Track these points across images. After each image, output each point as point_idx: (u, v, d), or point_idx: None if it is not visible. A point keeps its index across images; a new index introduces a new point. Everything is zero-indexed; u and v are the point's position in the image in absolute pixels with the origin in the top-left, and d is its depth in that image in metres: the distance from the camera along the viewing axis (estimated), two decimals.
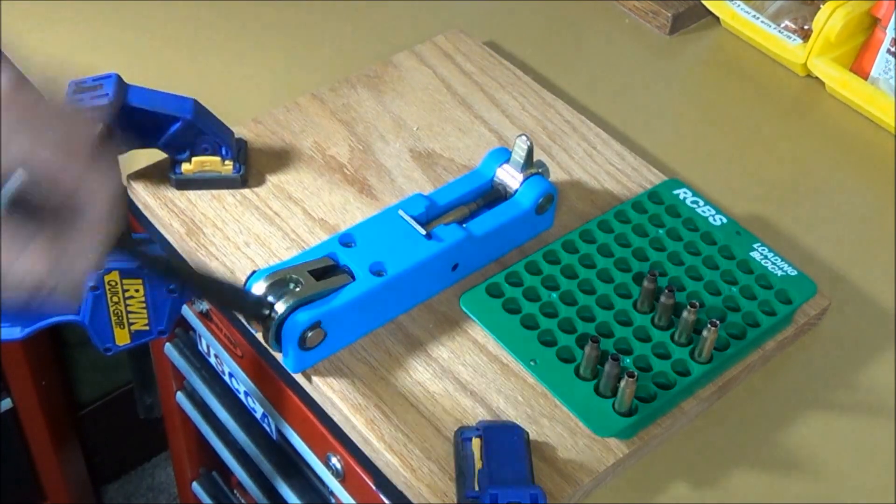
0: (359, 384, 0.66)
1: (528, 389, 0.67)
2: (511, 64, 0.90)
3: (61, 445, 1.36)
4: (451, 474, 0.62)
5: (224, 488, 1.13)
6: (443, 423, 0.65)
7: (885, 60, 0.91)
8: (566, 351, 0.68)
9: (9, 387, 1.24)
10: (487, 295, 0.71)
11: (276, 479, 0.88)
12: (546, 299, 0.71)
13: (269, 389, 0.81)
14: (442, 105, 0.86)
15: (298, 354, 0.65)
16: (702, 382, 0.68)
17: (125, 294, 0.79)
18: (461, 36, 0.92)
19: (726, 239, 0.75)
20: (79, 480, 1.47)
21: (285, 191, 0.77)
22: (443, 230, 0.70)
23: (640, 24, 1.01)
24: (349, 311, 0.66)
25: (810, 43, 0.93)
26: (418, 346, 0.69)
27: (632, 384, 0.64)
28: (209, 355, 0.90)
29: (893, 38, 0.90)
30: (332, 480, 0.78)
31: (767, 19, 0.96)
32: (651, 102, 0.93)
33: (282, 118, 0.83)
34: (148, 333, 0.83)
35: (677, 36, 1.00)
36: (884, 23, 0.91)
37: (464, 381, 0.67)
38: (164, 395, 1.04)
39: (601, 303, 0.71)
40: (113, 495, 1.60)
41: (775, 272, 0.73)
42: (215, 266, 0.72)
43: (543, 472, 0.63)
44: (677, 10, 0.99)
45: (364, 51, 0.93)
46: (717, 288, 0.72)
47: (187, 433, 1.08)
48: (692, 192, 0.79)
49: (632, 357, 0.68)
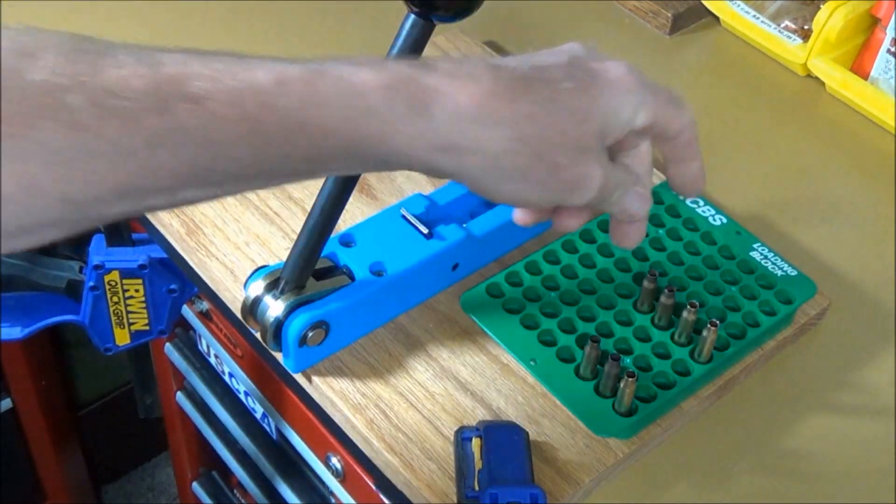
0: (359, 384, 0.66)
1: (528, 389, 0.67)
2: None
3: (61, 445, 1.36)
4: (451, 474, 0.62)
5: (224, 488, 1.13)
6: (443, 423, 0.65)
7: (885, 60, 0.91)
8: (566, 351, 0.68)
9: (9, 387, 1.24)
10: (487, 295, 0.71)
11: (276, 479, 0.88)
12: (546, 299, 0.71)
13: (269, 389, 0.81)
14: None
15: (298, 354, 0.65)
16: (702, 382, 0.68)
17: (125, 294, 0.79)
18: (461, 36, 0.92)
19: (726, 239, 0.76)
20: (79, 480, 1.47)
21: (285, 190, 0.77)
22: (443, 230, 0.70)
23: (640, 24, 1.01)
24: (349, 311, 0.66)
25: (810, 43, 0.93)
26: (418, 346, 0.69)
27: (632, 384, 0.64)
28: (209, 355, 0.90)
29: (893, 38, 0.90)
30: (332, 480, 0.78)
31: (767, 19, 0.96)
32: None
33: None
34: (148, 333, 0.83)
35: (677, 36, 1.00)
36: (884, 23, 0.91)
37: (464, 381, 0.67)
38: (164, 395, 1.04)
39: (601, 303, 0.71)
40: (113, 495, 1.60)
41: (775, 272, 0.73)
42: (215, 266, 0.72)
43: (543, 472, 0.63)
44: (677, 10, 0.99)
45: (364, 51, 0.93)
46: (717, 288, 0.73)
47: (187, 433, 1.08)
48: None
49: (632, 357, 0.68)
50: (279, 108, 0.42)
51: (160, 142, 0.40)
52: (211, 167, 0.42)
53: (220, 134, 0.41)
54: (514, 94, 0.46)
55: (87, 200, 0.40)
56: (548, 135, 0.46)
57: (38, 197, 0.40)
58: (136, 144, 0.40)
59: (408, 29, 0.58)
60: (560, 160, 0.47)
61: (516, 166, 0.46)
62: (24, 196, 0.39)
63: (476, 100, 0.45)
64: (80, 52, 0.40)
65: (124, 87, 0.40)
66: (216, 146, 0.41)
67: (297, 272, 0.63)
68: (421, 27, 0.58)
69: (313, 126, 0.43)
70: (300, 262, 0.63)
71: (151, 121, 0.40)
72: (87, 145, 0.39)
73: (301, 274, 0.64)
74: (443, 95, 0.44)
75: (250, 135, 0.42)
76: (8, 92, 0.39)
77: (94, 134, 0.39)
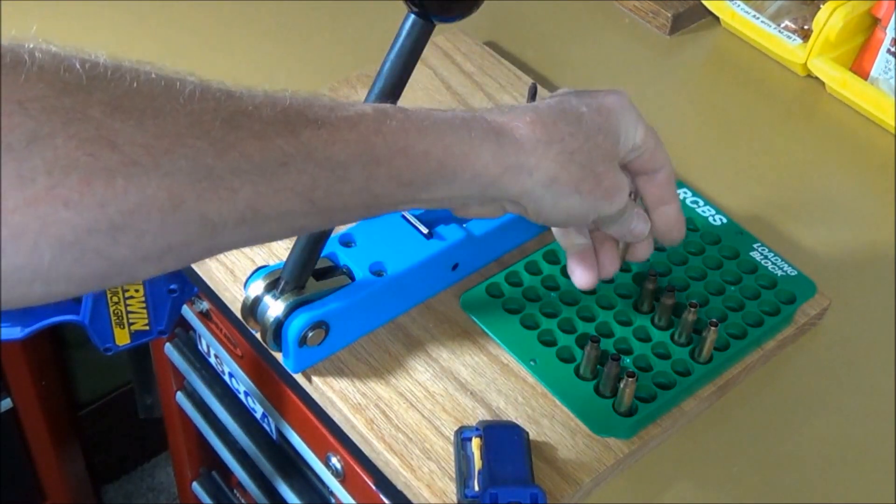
0: (359, 384, 0.66)
1: (528, 389, 0.67)
2: (511, 64, 0.90)
3: (61, 445, 1.36)
4: (451, 474, 0.62)
5: (224, 488, 1.13)
6: (443, 423, 0.65)
7: (885, 60, 0.91)
8: (566, 351, 0.68)
9: (9, 387, 1.24)
10: (487, 295, 0.71)
11: (276, 479, 0.88)
12: (546, 299, 0.71)
13: (269, 389, 0.81)
14: (442, 105, 0.86)
15: (298, 354, 0.65)
16: (702, 382, 0.68)
17: (125, 294, 0.79)
18: (461, 36, 0.92)
19: (726, 239, 0.76)
20: (79, 480, 1.47)
21: None
22: (443, 230, 0.70)
23: (640, 24, 1.01)
24: (349, 312, 0.66)
25: (810, 43, 0.93)
26: (418, 346, 0.69)
27: (632, 384, 0.64)
28: (209, 355, 0.90)
29: (893, 38, 0.90)
30: (332, 480, 0.78)
31: (767, 19, 0.96)
32: (651, 102, 0.93)
33: None
34: (148, 333, 0.83)
35: (677, 36, 1.00)
36: (884, 23, 0.91)
37: (464, 381, 0.67)
38: (164, 395, 1.04)
39: (601, 303, 0.71)
40: (113, 495, 1.60)
41: (775, 272, 0.73)
42: (215, 266, 0.72)
43: (543, 472, 0.63)
44: (677, 10, 0.99)
45: (364, 51, 0.93)
46: (718, 288, 0.73)
47: (187, 433, 1.08)
48: (692, 192, 0.79)
49: (632, 357, 0.68)
50: (386, 132, 0.49)
51: (288, 160, 0.45)
52: (327, 188, 0.47)
53: (339, 153, 0.47)
54: (554, 120, 0.56)
55: (220, 223, 0.43)
56: (586, 148, 0.56)
57: (182, 212, 0.42)
58: (269, 163, 0.44)
59: (408, 29, 0.58)
60: (599, 169, 0.56)
61: (569, 179, 0.55)
62: (170, 211, 0.41)
63: (529, 128, 0.54)
64: (212, 86, 0.44)
65: (258, 114, 0.44)
66: (334, 165, 0.46)
67: (297, 272, 0.63)
68: (421, 27, 0.58)
69: (413, 149, 0.50)
70: (300, 262, 0.63)
71: (281, 141, 0.44)
72: (231, 163, 0.43)
73: (301, 274, 0.64)
74: (505, 127, 0.54)
75: (363, 155, 0.48)
76: (163, 110, 0.41)
77: (239, 152, 0.43)
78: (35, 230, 0.38)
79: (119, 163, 0.39)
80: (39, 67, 0.39)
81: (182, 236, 0.42)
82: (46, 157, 0.38)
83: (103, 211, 0.39)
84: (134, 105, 0.41)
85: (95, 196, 0.39)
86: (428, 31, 0.58)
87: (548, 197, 0.55)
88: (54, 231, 0.38)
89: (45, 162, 0.38)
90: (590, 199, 0.56)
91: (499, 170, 0.53)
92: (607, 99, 0.58)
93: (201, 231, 0.43)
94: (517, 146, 0.54)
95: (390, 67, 0.59)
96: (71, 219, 0.38)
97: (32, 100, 0.38)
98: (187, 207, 0.42)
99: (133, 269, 0.42)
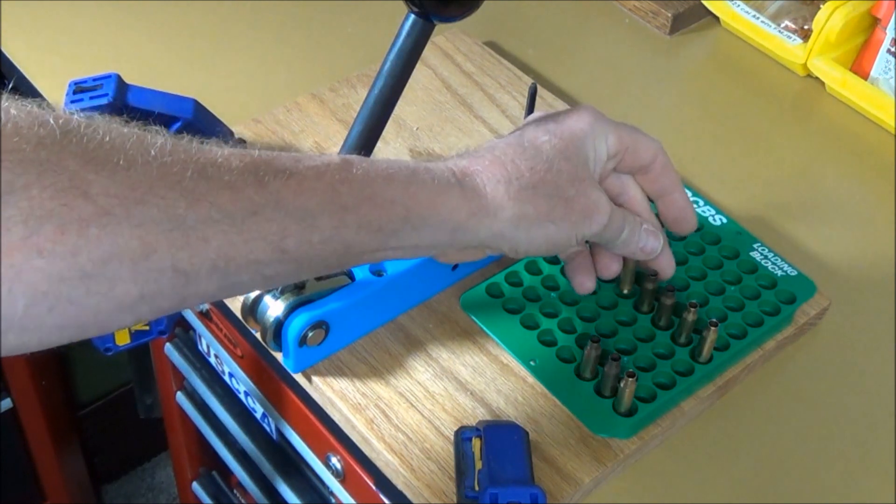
0: (359, 384, 0.66)
1: (528, 389, 0.67)
2: (511, 64, 0.90)
3: (61, 445, 1.36)
4: (451, 474, 0.62)
5: (224, 488, 1.13)
6: (443, 423, 0.65)
7: (885, 60, 0.91)
8: (566, 351, 0.68)
9: (9, 387, 1.24)
10: (487, 295, 0.71)
11: (276, 479, 0.88)
12: (546, 299, 0.71)
13: (269, 389, 0.81)
14: (442, 105, 0.86)
15: (298, 354, 0.65)
16: (702, 382, 0.68)
17: None
18: (461, 36, 0.92)
19: (726, 239, 0.75)
20: (79, 480, 1.47)
21: None
22: None
23: (640, 24, 1.01)
24: (349, 311, 0.66)
25: (810, 43, 0.93)
26: (418, 346, 0.69)
27: (632, 384, 0.64)
28: (209, 355, 0.90)
29: (893, 38, 0.90)
30: (332, 480, 0.78)
31: (767, 19, 0.97)
32: (651, 102, 0.93)
33: (282, 118, 0.83)
34: (148, 333, 0.83)
35: (677, 36, 1.00)
36: (884, 23, 0.91)
37: (464, 381, 0.67)
38: (164, 395, 1.04)
39: (601, 303, 0.71)
40: (113, 495, 1.60)
41: (775, 272, 0.73)
42: None
43: (543, 472, 0.63)
44: (677, 10, 0.99)
45: (364, 51, 0.93)
46: (718, 288, 0.73)
47: (187, 433, 1.08)
48: (692, 191, 0.79)
49: (632, 357, 0.68)
50: (352, 180, 0.50)
51: (258, 210, 0.46)
52: (298, 237, 0.47)
53: (307, 202, 0.48)
54: (511, 158, 0.57)
55: (192, 272, 0.44)
56: (549, 177, 0.57)
57: (154, 261, 0.42)
58: (240, 212, 0.45)
59: (408, 29, 0.58)
60: (570, 193, 0.57)
61: (537, 212, 0.56)
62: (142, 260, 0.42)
63: (488, 171, 0.56)
64: (181, 139, 0.45)
65: (227, 164, 0.45)
66: (303, 213, 0.47)
67: None
68: (421, 27, 0.58)
69: (380, 196, 0.51)
70: None
71: (251, 191, 0.45)
72: (203, 213, 0.43)
73: None
74: (466, 171, 0.55)
75: (331, 203, 0.49)
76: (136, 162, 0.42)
77: (210, 202, 0.44)
78: (10, 279, 0.38)
79: (92, 213, 0.40)
80: (14, 123, 0.40)
81: (154, 285, 0.43)
82: (22, 207, 0.38)
83: (75, 260, 0.40)
84: (107, 157, 0.41)
85: (68, 245, 0.39)
86: (428, 31, 0.58)
87: (520, 234, 0.57)
88: (28, 279, 0.39)
89: (20, 212, 0.38)
90: (566, 225, 0.58)
91: (464, 215, 0.54)
92: (568, 122, 0.59)
93: (174, 280, 0.43)
94: (478, 191, 0.55)
95: (390, 67, 0.59)
96: (44, 267, 0.39)
97: (9, 152, 0.38)
98: (159, 256, 0.42)
99: (107, 319, 0.43)
